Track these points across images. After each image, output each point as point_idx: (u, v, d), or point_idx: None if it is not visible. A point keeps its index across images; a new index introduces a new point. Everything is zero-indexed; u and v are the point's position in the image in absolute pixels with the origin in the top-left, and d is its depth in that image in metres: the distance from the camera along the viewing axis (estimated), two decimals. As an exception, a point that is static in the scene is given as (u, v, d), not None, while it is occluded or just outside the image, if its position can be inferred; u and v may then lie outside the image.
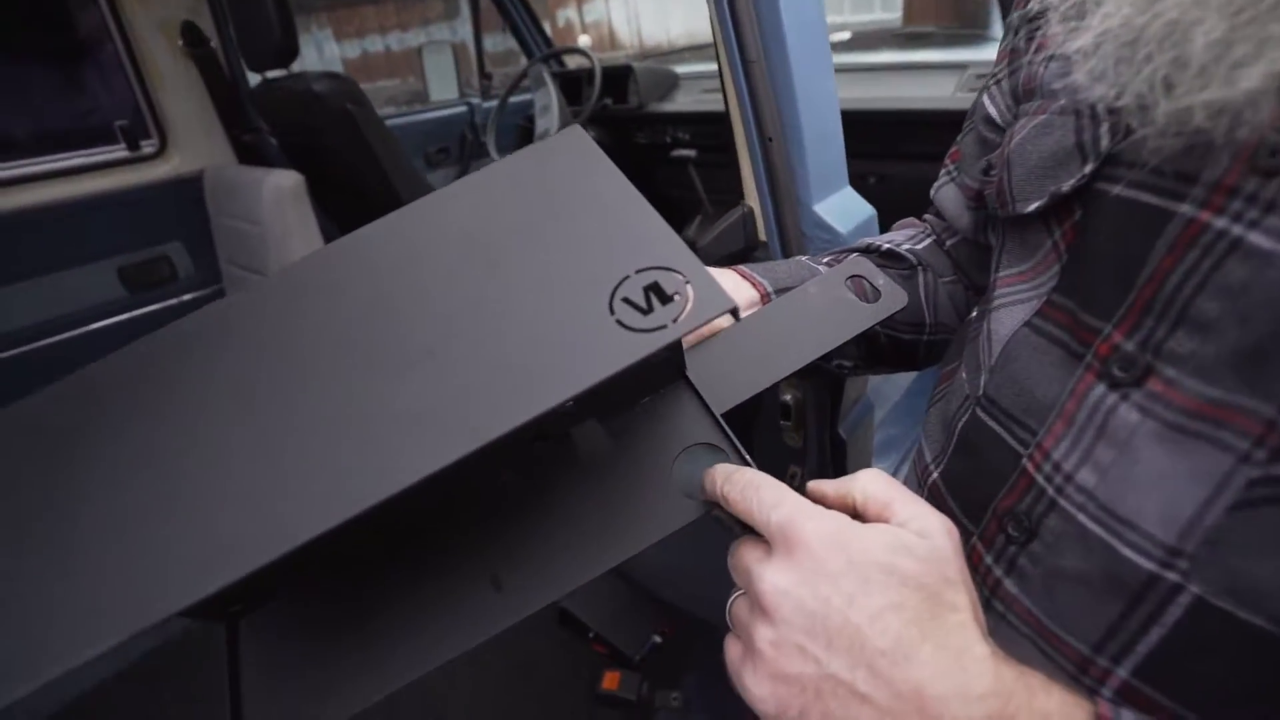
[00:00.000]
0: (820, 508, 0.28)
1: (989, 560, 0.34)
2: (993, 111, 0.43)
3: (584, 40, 2.32)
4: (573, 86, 2.33)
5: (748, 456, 0.33)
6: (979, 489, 0.35)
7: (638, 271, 0.27)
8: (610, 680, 1.23)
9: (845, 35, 2.51)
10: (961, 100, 1.66)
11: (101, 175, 1.69)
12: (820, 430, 0.76)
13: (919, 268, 0.53)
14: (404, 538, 0.33)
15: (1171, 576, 0.27)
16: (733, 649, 0.29)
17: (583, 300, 0.27)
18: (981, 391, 0.37)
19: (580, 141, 0.33)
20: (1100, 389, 0.30)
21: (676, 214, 2.15)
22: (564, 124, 2.24)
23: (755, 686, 0.27)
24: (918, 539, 0.26)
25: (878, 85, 1.87)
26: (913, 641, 0.24)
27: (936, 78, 1.82)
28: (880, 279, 0.43)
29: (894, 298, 0.42)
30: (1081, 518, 0.30)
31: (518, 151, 0.34)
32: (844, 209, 0.69)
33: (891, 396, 1.43)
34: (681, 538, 0.33)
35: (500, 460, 0.34)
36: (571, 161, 0.32)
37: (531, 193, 0.31)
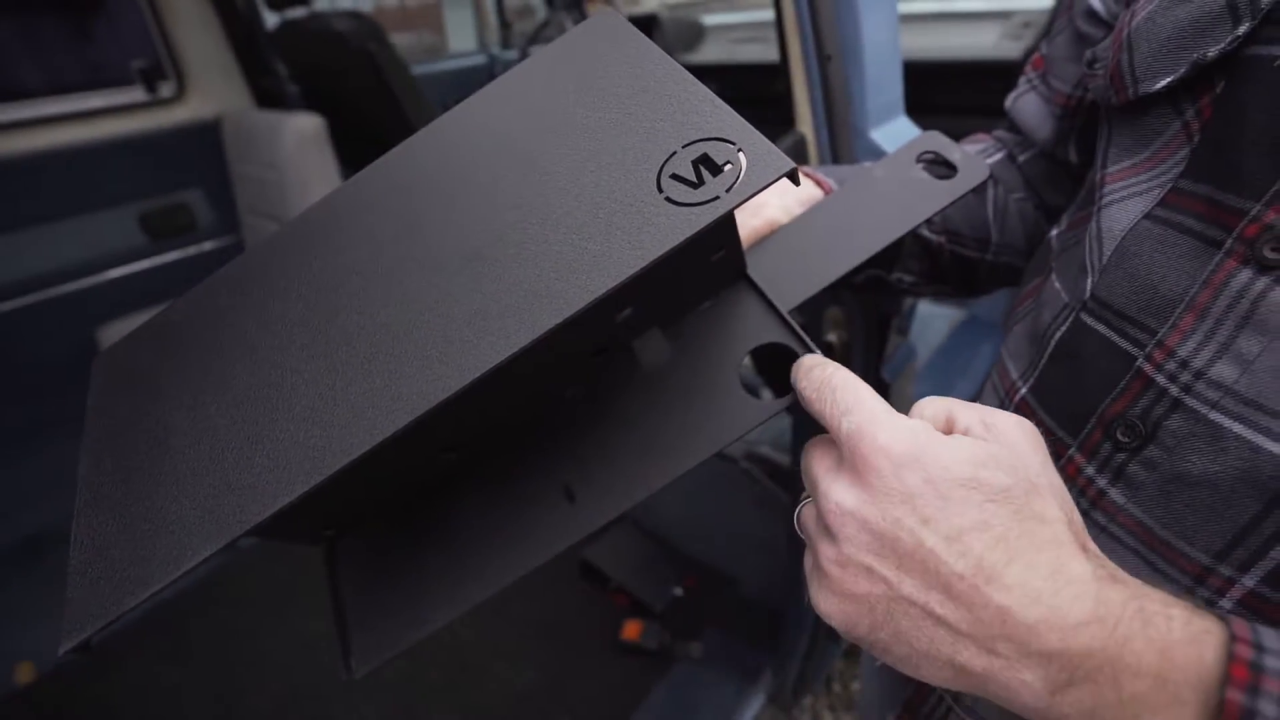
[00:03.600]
0: (896, 416, 0.26)
1: (1090, 471, 0.32)
2: (1096, 3, 0.40)
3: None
4: (596, 36, 2.27)
5: (818, 352, 0.32)
6: (1079, 397, 0.33)
7: (685, 145, 0.25)
8: (631, 630, 1.24)
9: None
10: (1005, 49, 1.59)
11: (121, 118, 1.66)
12: (865, 374, 0.74)
13: (988, 181, 0.50)
14: (480, 459, 0.34)
15: None
16: (806, 558, 0.27)
17: (629, 182, 0.25)
18: (1088, 295, 0.34)
19: (613, 22, 0.31)
20: (1245, 274, 0.27)
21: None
22: (586, 75, 2.19)
23: (823, 602, 0.26)
24: (1001, 448, 0.24)
25: (912, 35, 1.79)
26: (997, 563, 0.22)
27: (977, 27, 1.74)
28: (956, 152, 0.40)
29: (973, 171, 0.39)
30: (1215, 415, 0.27)
31: (550, 43, 0.32)
32: (901, 137, 0.65)
33: (921, 354, 1.40)
34: (705, 492, 0.33)
35: (564, 376, 0.34)
36: (606, 44, 0.30)
37: (567, 82, 0.30)
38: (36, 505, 1.63)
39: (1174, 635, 0.20)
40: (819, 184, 0.45)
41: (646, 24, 2.17)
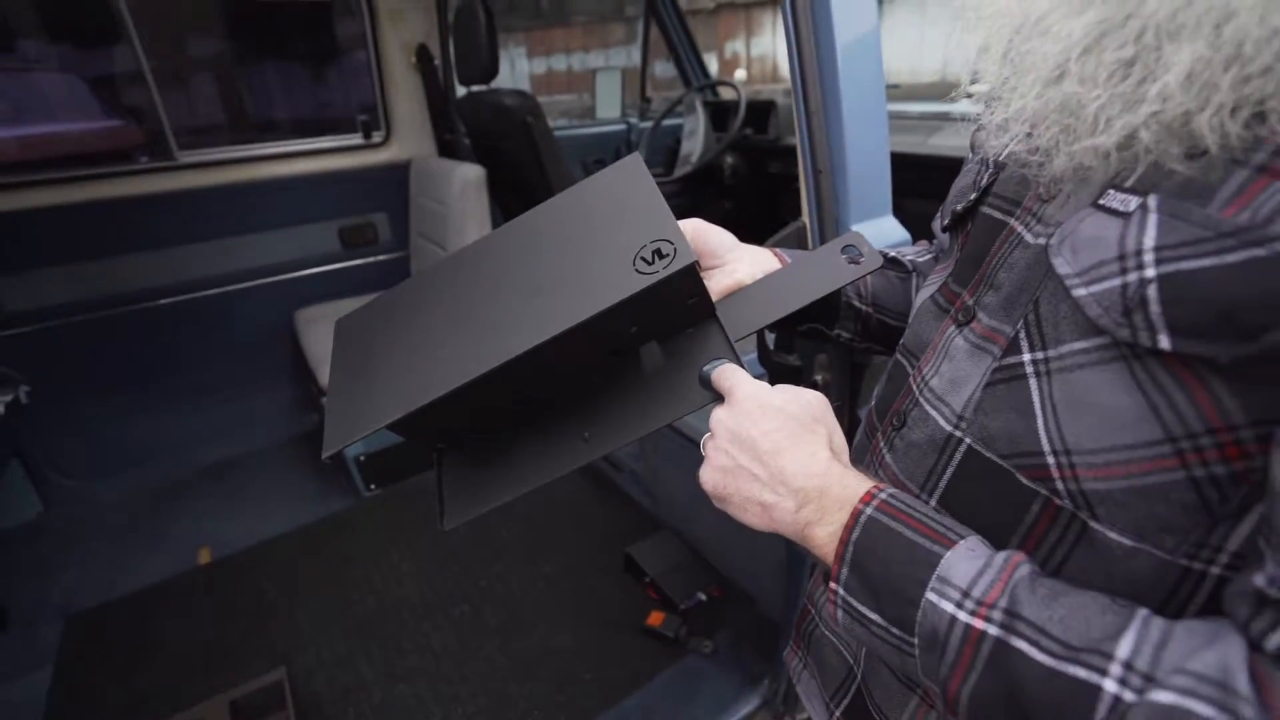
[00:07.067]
0: (753, 380, 0.47)
1: (882, 445, 0.52)
2: (990, 152, 0.60)
3: (739, 74, 2.54)
4: (720, 115, 2.57)
5: (743, 363, 0.51)
6: (888, 402, 0.53)
7: (651, 241, 0.45)
8: (655, 618, 1.43)
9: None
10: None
11: (340, 156, 2.18)
12: (840, 408, 0.93)
13: (914, 273, 0.70)
14: (533, 413, 0.52)
15: (957, 434, 0.44)
16: (703, 467, 0.46)
17: (619, 259, 0.45)
18: (902, 341, 0.55)
19: (635, 166, 0.51)
20: (952, 329, 0.47)
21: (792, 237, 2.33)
22: (706, 149, 2.48)
23: (704, 475, 0.45)
24: (799, 397, 0.45)
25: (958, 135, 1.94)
26: (784, 445, 0.42)
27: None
28: (865, 247, 0.57)
29: (873, 260, 0.56)
30: (926, 406, 0.47)
31: (596, 174, 0.52)
32: (879, 232, 0.86)
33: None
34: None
35: (591, 368, 0.51)
36: (627, 180, 0.51)
37: (600, 200, 0.51)
38: (230, 437, 2.11)
39: (850, 484, 0.41)
40: (780, 260, 0.67)
41: (766, 107, 2.43)
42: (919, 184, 1.37)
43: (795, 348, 0.98)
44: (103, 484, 1.99)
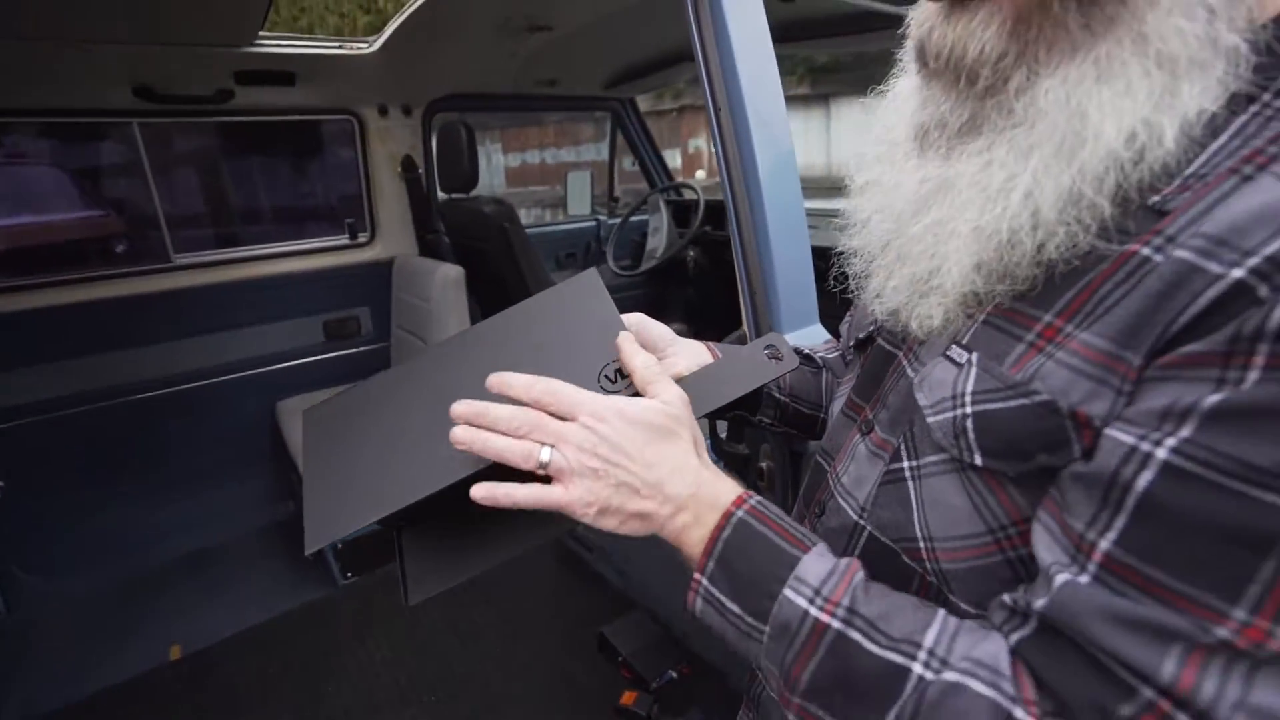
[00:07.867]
0: (606, 395, 0.49)
1: (808, 528, 0.63)
2: None
3: (699, 175, 2.80)
4: (682, 213, 2.80)
5: None
6: (813, 493, 0.65)
7: (613, 361, 0.52)
8: (628, 698, 1.48)
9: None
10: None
11: (327, 255, 2.33)
12: (784, 493, 1.05)
13: (824, 369, 0.84)
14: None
15: (861, 522, 0.54)
16: (555, 490, 0.46)
17: (584, 377, 0.50)
18: (821, 443, 0.67)
19: (593, 282, 0.56)
20: (857, 436, 0.59)
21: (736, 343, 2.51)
22: (670, 244, 2.70)
23: (581, 490, 0.45)
24: (662, 404, 0.49)
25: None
26: (653, 459, 0.46)
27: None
28: (785, 348, 0.66)
29: (791, 360, 0.65)
30: (839, 499, 0.58)
31: (559, 285, 0.56)
32: (808, 338, 1.01)
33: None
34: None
35: None
36: (586, 295, 0.56)
37: (563, 312, 0.55)
38: (206, 527, 2.13)
39: (720, 490, 0.47)
40: (713, 354, 0.78)
41: (723, 206, 2.68)
42: None
43: (744, 438, 1.11)
44: (73, 580, 1.98)
